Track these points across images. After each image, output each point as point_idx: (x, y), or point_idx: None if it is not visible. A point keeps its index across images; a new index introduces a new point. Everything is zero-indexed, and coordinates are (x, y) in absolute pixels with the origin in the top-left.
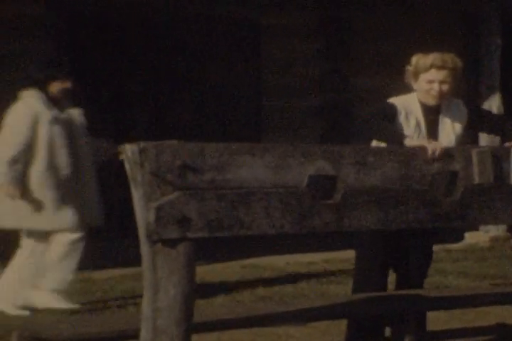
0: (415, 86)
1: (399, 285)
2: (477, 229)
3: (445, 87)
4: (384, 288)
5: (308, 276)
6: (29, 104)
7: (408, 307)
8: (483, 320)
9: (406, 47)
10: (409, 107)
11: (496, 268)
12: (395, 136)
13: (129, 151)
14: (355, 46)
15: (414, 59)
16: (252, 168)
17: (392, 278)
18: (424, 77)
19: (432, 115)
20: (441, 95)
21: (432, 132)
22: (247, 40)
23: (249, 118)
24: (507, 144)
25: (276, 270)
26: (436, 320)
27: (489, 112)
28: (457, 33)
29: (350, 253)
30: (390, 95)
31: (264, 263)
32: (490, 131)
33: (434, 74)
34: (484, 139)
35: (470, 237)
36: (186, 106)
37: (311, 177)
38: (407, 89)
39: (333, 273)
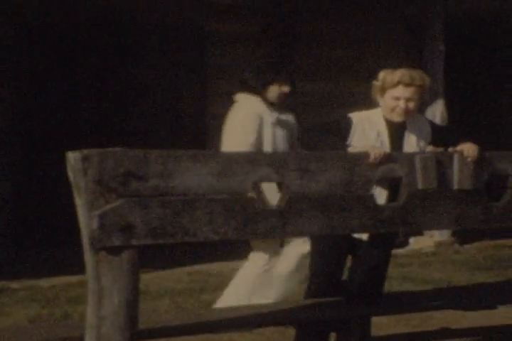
0: (381, 101)
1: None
2: (422, 234)
3: (411, 105)
4: (338, 287)
5: None
6: (252, 105)
7: (353, 312)
8: (427, 324)
9: (350, 53)
10: (371, 123)
11: (441, 272)
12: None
13: (71, 159)
14: (300, 52)
15: (381, 74)
16: (196, 175)
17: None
18: (390, 93)
19: (396, 131)
20: (407, 112)
21: (397, 148)
22: (191, 46)
23: (195, 124)
24: (450, 150)
25: (222, 276)
26: (381, 325)
27: (447, 127)
28: (400, 39)
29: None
30: (335, 101)
31: (209, 269)
32: (447, 146)
33: (401, 91)
34: None
35: (415, 242)
36: (131, 112)
37: (255, 184)
38: (352, 95)
39: None
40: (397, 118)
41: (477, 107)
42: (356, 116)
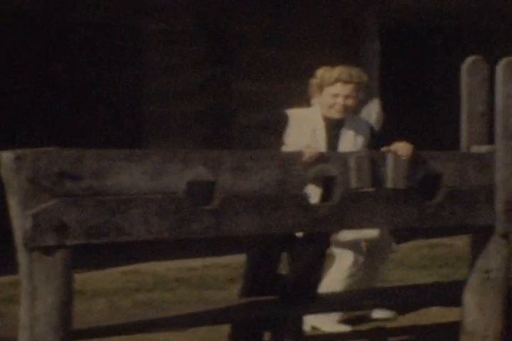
0: (319, 99)
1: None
2: None
3: (349, 102)
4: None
5: (189, 282)
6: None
7: (288, 311)
8: (363, 323)
9: (287, 53)
10: (308, 120)
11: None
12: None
13: (4, 158)
14: (237, 51)
15: (319, 72)
16: (131, 175)
17: None
18: (329, 90)
19: (334, 129)
20: (346, 109)
21: (333, 145)
22: (127, 45)
23: (131, 124)
24: (384, 149)
25: (156, 276)
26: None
27: (384, 133)
28: (336, 39)
29: (230, 259)
30: (272, 100)
31: (144, 269)
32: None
33: (340, 89)
34: None
35: None
36: (66, 112)
37: (189, 183)
38: (289, 94)
39: (214, 279)
40: (335, 115)
41: (412, 107)
42: (293, 113)
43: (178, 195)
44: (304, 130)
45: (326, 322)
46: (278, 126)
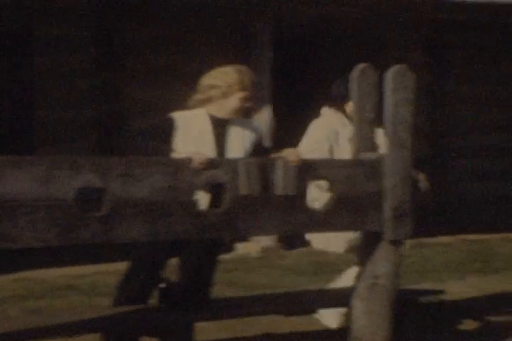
0: (210, 100)
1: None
2: (248, 240)
3: (250, 103)
4: (145, 296)
5: (79, 289)
6: (328, 119)
7: (176, 318)
8: (251, 329)
9: (178, 59)
10: (193, 121)
11: (267, 278)
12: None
13: None
14: (129, 57)
15: (222, 76)
16: (18, 181)
17: None
18: (238, 95)
19: (221, 127)
20: (248, 111)
21: (221, 144)
22: (18, 50)
23: (22, 130)
24: (274, 155)
25: (46, 283)
26: (205, 331)
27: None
28: (229, 46)
29: (121, 265)
30: (163, 106)
31: (34, 276)
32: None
33: (248, 93)
34: None
35: (241, 248)
36: None
37: (79, 190)
38: (178, 100)
39: (105, 285)
40: (231, 115)
41: (304, 114)
42: (178, 116)
43: (67, 201)
44: (190, 131)
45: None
46: (164, 131)
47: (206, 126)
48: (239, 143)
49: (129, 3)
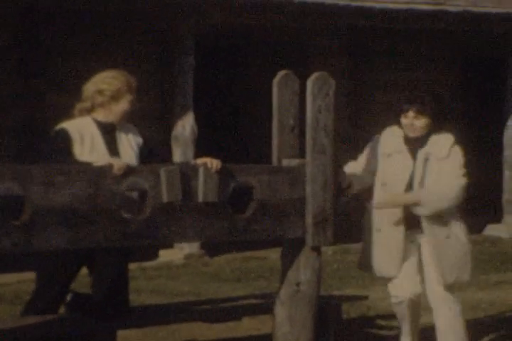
0: (97, 106)
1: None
2: (172, 247)
3: (134, 107)
4: (56, 307)
5: (2, 298)
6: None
7: (98, 326)
8: (174, 337)
9: (101, 66)
10: (84, 129)
11: (190, 285)
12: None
13: None
14: (51, 63)
15: (109, 81)
16: None
17: None
18: (127, 98)
19: (109, 133)
20: (130, 114)
21: (113, 149)
22: None
23: None
24: (196, 161)
25: None
26: (128, 338)
27: (154, 145)
28: (152, 52)
29: None
30: None
31: None
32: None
33: (131, 96)
34: None
35: (164, 255)
36: None
37: None
38: None
39: (28, 294)
40: (123, 120)
41: (225, 120)
42: (70, 125)
43: None
44: (84, 140)
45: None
46: (61, 142)
47: (95, 133)
48: (130, 147)
49: (49, 10)
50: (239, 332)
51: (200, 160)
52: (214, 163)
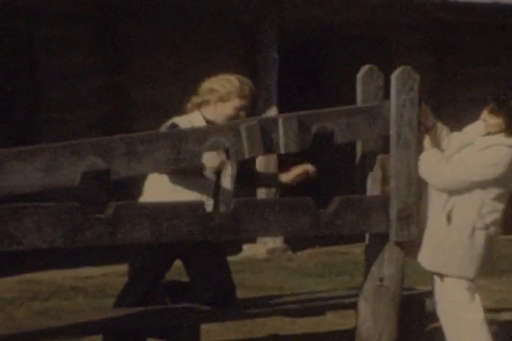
0: (206, 103)
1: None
2: (255, 241)
3: (244, 114)
4: (148, 300)
5: (86, 291)
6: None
7: (182, 320)
8: (258, 331)
9: (185, 61)
10: (194, 125)
11: (273, 279)
12: None
13: None
14: (134, 58)
15: (223, 83)
16: (23, 174)
17: None
18: (234, 103)
19: None
20: (228, 120)
21: None
22: (21, 53)
23: (27, 131)
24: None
25: (53, 284)
26: (212, 332)
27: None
28: (235, 46)
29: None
30: (170, 108)
31: (41, 278)
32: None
33: (244, 102)
34: None
35: (248, 249)
36: None
37: (83, 175)
38: (185, 102)
39: (111, 287)
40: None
41: None
42: (181, 121)
43: (73, 203)
44: None
45: None
46: None
47: None
48: None
49: (135, 5)
50: (322, 327)
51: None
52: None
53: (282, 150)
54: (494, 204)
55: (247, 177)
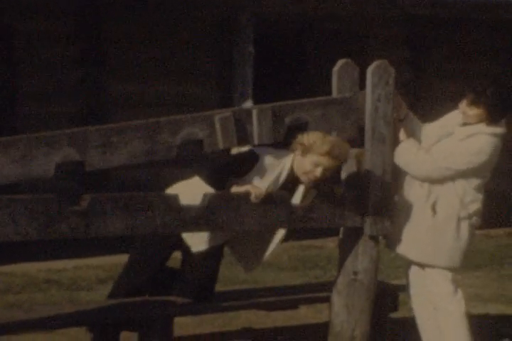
0: (299, 158)
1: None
2: None
3: (325, 175)
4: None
5: (59, 283)
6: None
7: (157, 312)
8: (232, 324)
9: (162, 54)
10: (276, 165)
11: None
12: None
13: None
14: (112, 52)
15: (313, 136)
16: None
17: None
18: (313, 158)
19: (291, 184)
20: (316, 181)
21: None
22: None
23: (4, 124)
24: (237, 189)
25: (27, 277)
26: (184, 325)
27: None
28: (212, 40)
29: (101, 260)
30: (147, 101)
31: (15, 270)
32: None
33: (324, 161)
34: None
35: None
36: None
37: (57, 166)
38: (161, 95)
39: (84, 280)
40: (303, 181)
41: None
42: (265, 157)
43: (47, 195)
44: (268, 172)
45: None
46: (246, 162)
47: (283, 175)
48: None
49: None
50: (296, 321)
51: (241, 189)
52: (257, 192)
53: (256, 142)
54: (475, 194)
55: None
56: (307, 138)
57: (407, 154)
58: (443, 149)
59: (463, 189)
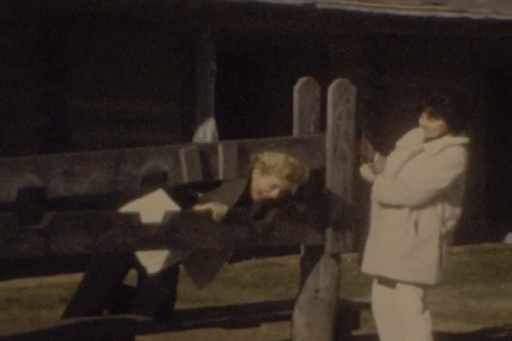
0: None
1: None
2: None
3: (279, 197)
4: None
5: (20, 302)
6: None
7: (118, 331)
8: None
9: (123, 71)
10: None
11: (209, 291)
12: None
13: None
14: (73, 69)
15: (276, 158)
16: None
17: None
18: (271, 179)
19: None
20: (269, 200)
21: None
22: None
23: None
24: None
25: None
26: None
27: None
28: (174, 57)
29: (62, 278)
30: (108, 118)
31: None
32: None
33: (283, 184)
34: None
35: None
36: None
37: (19, 191)
38: (123, 112)
39: (46, 298)
40: (256, 198)
41: (246, 126)
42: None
43: (8, 214)
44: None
45: None
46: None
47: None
48: None
49: (72, 15)
50: (257, 339)
51: (202, 207)
52: (218, 210)
53: (221, 177)
54: (453, 210)
55: None
56: (268, 158)
57: (385, 189)
58: (418, 170)
59: (442, 207)
